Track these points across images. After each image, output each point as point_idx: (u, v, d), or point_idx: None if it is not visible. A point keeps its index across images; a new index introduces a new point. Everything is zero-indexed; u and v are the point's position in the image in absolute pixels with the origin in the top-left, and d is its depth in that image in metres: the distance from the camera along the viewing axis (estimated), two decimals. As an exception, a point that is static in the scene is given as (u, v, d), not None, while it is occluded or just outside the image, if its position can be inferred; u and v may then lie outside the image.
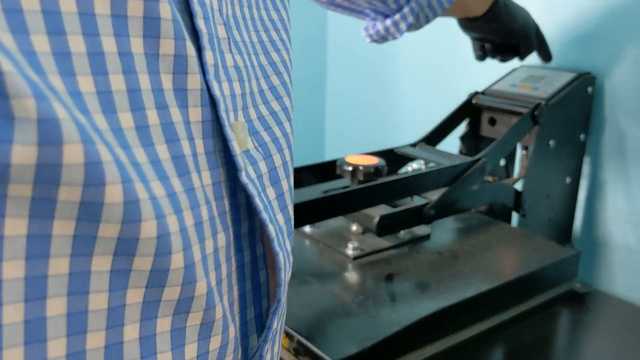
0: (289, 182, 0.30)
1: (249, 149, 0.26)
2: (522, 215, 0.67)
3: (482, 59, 0.73)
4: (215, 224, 0.24)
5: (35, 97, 0.17)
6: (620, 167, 0.69)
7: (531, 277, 0.56)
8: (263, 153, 0.28)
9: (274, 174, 0.29)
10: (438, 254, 0.58)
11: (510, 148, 0.67)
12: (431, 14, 0.60)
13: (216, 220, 0.24)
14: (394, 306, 0.49)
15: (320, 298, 0.50)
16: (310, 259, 0.57)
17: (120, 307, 0.21)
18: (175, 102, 0.23)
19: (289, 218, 0.30)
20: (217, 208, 0.25)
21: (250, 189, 0.26)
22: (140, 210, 0.20)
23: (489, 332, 0.53)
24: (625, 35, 0.67)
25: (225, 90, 0.25)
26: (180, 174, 0.23)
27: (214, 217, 0.24)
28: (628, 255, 0.70)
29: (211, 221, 0.24)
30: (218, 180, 0.25)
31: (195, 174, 0.23)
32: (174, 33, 0.22)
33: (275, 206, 0.28)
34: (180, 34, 0.22)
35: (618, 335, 0.55)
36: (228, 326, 0.26)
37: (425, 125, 0.74)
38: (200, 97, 0.23)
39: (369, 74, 1.06)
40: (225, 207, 0.25)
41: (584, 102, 0.69)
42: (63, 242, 0.19)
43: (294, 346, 0.45)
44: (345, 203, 0.55)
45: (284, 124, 0.30)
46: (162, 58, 0.22)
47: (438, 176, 0.60)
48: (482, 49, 0.72)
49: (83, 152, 0.18)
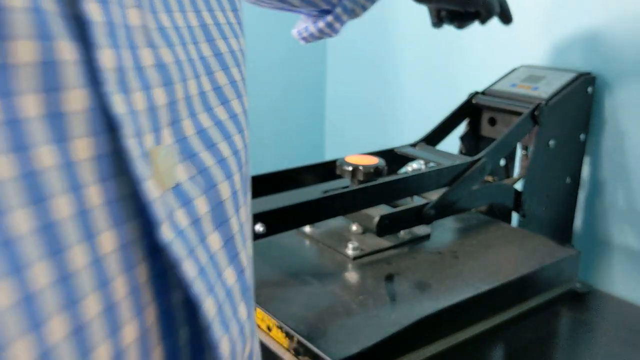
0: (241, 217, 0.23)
1: (180, 183, 0.19)
2: (522, 215, 0.67)
3: (438, 26, 0.68)
4: (115, 316, 0.16)
5: None
6: (620, 167, 0.69)
7: (531, 277, 0.56)
8: (204, 184, 0.20)
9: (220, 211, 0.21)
10: (438, 254, 0.58)
11: (510, 148, 0.67)
12: (369, 3, 0.55)
13: (120, 308, 0.17)
14: (394, 306, 0.49)
15: (320, 298, 0.50)
16: (310, 259, 0.57)
17: None
18: (45, 137, 0.15)
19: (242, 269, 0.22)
20: (127, 285, 0.17)
21: (175, 250, 0.18)
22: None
23: (489, 332, 0.53)
24: (626, 35, 0.67)
25: (139, 103, 0.17)
26: (53, 252, 0.15)
27: (113, 304, 0.16)
28: (628, 255, 0.70)
29: (108, 314, 0.16)
30: (126, 241, 0.17)
31: (79, 246, 0.15)
32: (34, 30, 0.14)
33: (220, 260, 0.21)
34: (45, 29, 0.15)
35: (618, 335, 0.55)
36: None
37: (425, 125, 0.74)
38: (87, 121, 0.16)
39: (369, 73, 1.06)
40: (139, 280, 0.17)
41: (584, 102, 0.69)
42: None
43: (294, 346, 0.45)
44: (345, 203, 0.55)
45: (234, 137, 0.23)
46: (21, 70, 0.14)
47: (438, 176, 0.60)
48: (438, 15, 0.66)
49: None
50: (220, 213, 0.21)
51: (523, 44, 0.78)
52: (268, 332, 0.48)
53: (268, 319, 0.47)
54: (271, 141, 1.10)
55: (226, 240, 0.21)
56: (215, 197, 0.21)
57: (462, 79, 0.87)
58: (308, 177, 0.65)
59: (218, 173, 0.21)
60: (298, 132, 1.16)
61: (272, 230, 0.51)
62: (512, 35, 0.78)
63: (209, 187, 0.21)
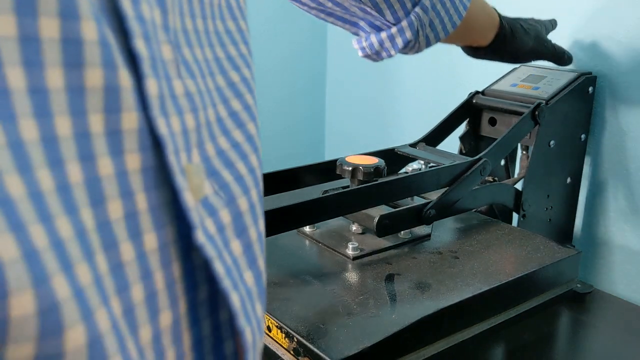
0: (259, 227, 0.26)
1: (207, 196, 0.22)
2: (522, 215, 0.67)
3: None
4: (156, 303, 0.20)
5: None
6: (620, 167, 0.69)
7: (531, 277, 0.56)
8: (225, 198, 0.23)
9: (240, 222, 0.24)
10: (438, 254, 0.58)
11: (511, 148, 0.67)
12: (432, 35, 0.55)
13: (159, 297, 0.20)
14: (394, 306, 0.49)
15: (320, 298, 0.50)
16: (310, 259, 0.57)
17: None
18: (106, 149, 0.18)
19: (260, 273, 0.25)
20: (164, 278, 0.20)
21: (207, 250, 0.21)
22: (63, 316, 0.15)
23: (489, 332, 0.53)
24: (626, 35, 0.67)
25: (175, 126, 0.20)
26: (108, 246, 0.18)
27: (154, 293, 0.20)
28: (628, 255, 0.70)
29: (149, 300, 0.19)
30: (165, 241, 0.20)
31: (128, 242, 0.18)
32: (102, 59, 0.17)
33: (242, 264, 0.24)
34: (110, 60, 0.17)
35: (618, 335, 0.55)
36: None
37: (425, 125, 0.74)
38: (138, 139, 0.19)
39: (369, 73, 1.06)
40: (174, 275, 0.21)
41: (584, 102, 0.69)
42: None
43: (294, 346, 0.45)
44: (345, 203, 0.54)
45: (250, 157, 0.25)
46: (90, 93, 0.17)
47: (438, 176, 0.60)
48: None
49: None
50: (240, 224, 0.24)
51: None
52: (268, 332, 0.48)
53: (268, 319, 0.47)
54: (271, 141, 1.10)
55: (246, 247, 0.24)
56: (236, 210, 0.24)
57: (463, 79, 0.87)
58: (308, 177, 0.65)
59: (237, 189, 0.24)
60: (298, 132, 1.16)
61: (272, 230, 0.51)
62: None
63: (230, 200, 0.23)
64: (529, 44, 0.61)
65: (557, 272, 0.59)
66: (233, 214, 0.23)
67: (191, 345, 0.22)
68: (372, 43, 0.55)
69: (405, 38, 0.53)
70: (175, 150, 0.20)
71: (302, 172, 0.65)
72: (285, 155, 1.13)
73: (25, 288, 0.14)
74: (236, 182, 0.24)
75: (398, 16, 0.53)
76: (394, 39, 0.54)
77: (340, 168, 0.60)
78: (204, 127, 0.23)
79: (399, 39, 0.54)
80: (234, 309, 0.22)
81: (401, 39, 0.54)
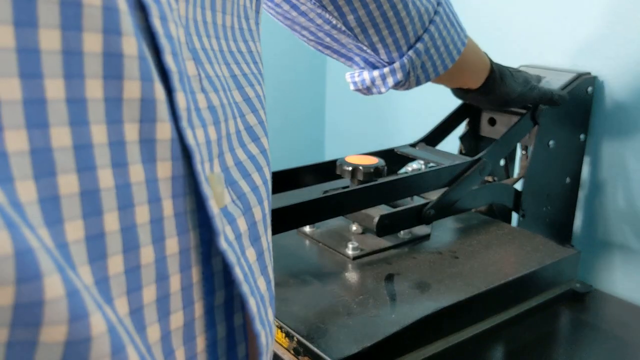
0: (268, 236, 0.27)
1: (227, 204, 0.23)
2: (522, 215, 0.67)
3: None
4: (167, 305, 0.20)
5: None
6: (620, 167, 0.69)
7: (531, 277, 0.56)
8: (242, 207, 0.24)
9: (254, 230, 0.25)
10: (438, 254, 0.58)
11: (510, 148, 0.67)
12: (423, 76, 0.56)
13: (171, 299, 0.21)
14: (394, 306, 0.49)
15: (320, 298, 0.50)
16: (310, 259, 0.57)
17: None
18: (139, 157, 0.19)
19: (270, 280, 0.26)
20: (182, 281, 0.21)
21: (229, 256, 0.22)
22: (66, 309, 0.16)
23: (489, 332, 0.53)
24: (626, 36, 0.67)
25: (200, 137, 0.21)
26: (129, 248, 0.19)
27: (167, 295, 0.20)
28: (628, 255, 0.70)
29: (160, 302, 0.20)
30: (187, 247, 0.21)
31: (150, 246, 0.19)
32: (140, 73, 0.18)
33: (255, 270, 0.25)
34: (148, 73, 0.19)
35: (618, 335, 0.55)
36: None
37: (425, 125, 0.74)
38: (170, 148, 0.20)
39: (369, 74, 1.05)
40: (193, 279, 0.22)
41: (584, 102, 0.69)
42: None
43: (294, 346, 0.45)
44: (345, 203, 0.55)
45: (264, 169, 0.27)
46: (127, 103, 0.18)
47: (438, 176, 0.60)
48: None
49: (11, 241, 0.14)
50: (255, 232, 0.25)
51: (523, 44, 0.78)
52: (268, 332, 0.48)
53: (268, 319, 0.47)
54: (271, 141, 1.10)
55: (259, 255, 0.25)
56: (251, 218, 0.25)
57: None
58: (308, 177, 0.65)
59: (253, 198, 0.25)
60: (298, 132, 1.16)
61: (273, 230, 0.51)
62: (512, 36, 0.78)
63: (246, 209, 0.24)
64: (517, 90, 0.62)
65: (556, 272, 0.59)
66: (249, 222, 0.24)
67: (205, 347, 0.23)
68: (364, 79, 0.56)
69: (397, 78, 0.55)
70: (201, 160, 0.21)
71: (302, 172, 0.65)
72: (285, 155, 1.13)
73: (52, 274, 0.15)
74: (252, 192, 0.25)
75: (392, 57, 0.54)
76: (386, 78, 0.55)
77: (340, 168, 0.60)
78: (224, 139, 0.24)
79: (390, 79, 0.55)
80: (252, 313, 0.23)
81: (392, 79, 0.55)
